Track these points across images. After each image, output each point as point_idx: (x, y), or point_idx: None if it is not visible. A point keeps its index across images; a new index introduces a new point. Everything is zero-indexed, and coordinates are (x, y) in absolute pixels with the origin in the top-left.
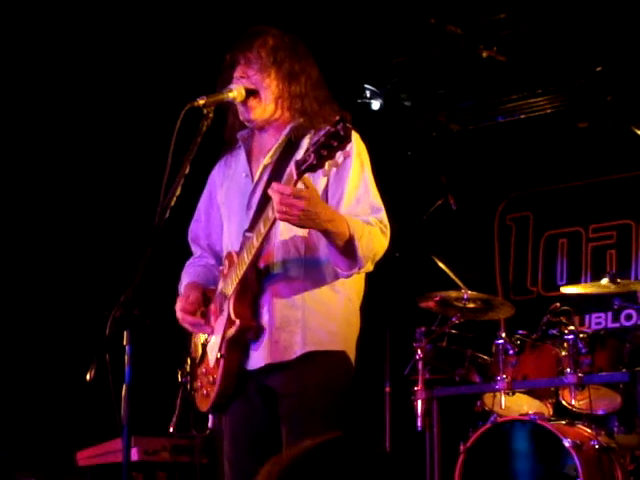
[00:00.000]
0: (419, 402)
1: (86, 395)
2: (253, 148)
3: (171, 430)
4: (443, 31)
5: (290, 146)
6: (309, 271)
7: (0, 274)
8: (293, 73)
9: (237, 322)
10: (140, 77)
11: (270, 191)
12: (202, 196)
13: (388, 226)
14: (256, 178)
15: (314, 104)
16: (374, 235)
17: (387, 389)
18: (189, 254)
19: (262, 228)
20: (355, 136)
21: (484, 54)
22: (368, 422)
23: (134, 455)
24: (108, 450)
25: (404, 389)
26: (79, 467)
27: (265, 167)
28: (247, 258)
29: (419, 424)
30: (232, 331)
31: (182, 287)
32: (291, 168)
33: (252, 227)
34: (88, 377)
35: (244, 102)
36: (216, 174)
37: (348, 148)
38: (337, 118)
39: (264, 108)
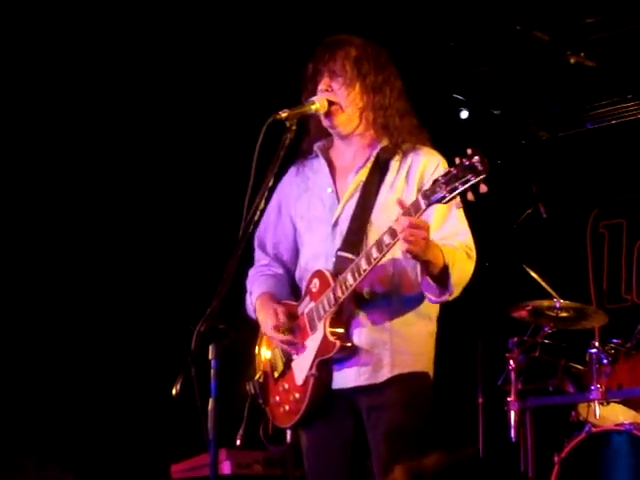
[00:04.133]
0: (512, 413)
1: (177, 409)
2: (335, 162)
3: (238, 443)
4: (529, 37)
5: (378, 166)
6: (397, 294)
7: (88, 290)
8: (377, 85)
9: (337, 344)
10: (224, 90)
11: (398, 221)
12: (270, 204)
13: (474, 249)
14: (346, 196)
15: (396, 117)
16: (463, 262)
17: (480, 400)
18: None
19: (375, 252)
20: (440, 158)
21: (572, 60)
22: (461, 434)
23: (227, 468)
24: (202, 463)
25: (497, 400)
26: None
27: (356, 187)
28: (352, 280)
29: (513, 435)
30: (331, 353)
31: (254, 297)
32: (418, 198)
33: (346, 247)
34: (174, 392)
35: (327, 114)
36: (288, 184)
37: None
38: (471, 151)
39: (348, 119)
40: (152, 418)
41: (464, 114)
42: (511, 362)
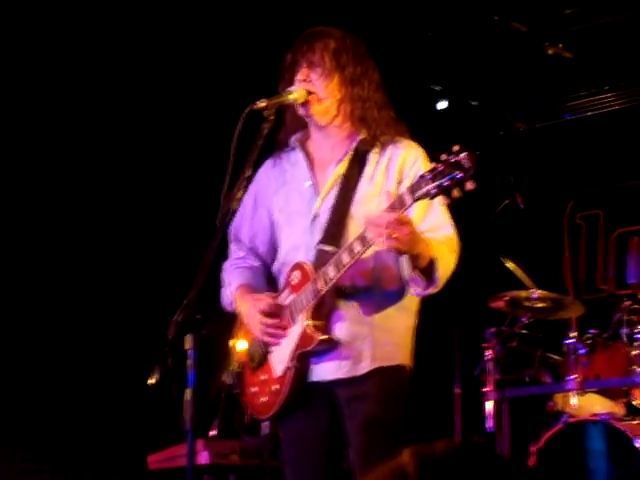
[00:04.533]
0: (489, 403)
1: (153, 399)
2: (313, 154)
3: (214, 433)
4: (507, 28)
5: (357, 159)
6: (378, 287)
7: (64, 280)
8: (356, 77)
9: (316, 337)
10: (201, 80)
11: (377, 217)
12: (246, 197)
13: (457, 242)
14: (325, 189)
15: (374, 109)
16: (448, 255)
17: (457, 390)
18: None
19: (357, 247)
20: (420, 149)
21: (550, 51)
22: (438, 423)
23: (205, 458)
24: (179, 453)
25: (474, 390)
26: (150, 471)
27: (335, 180)
28: (333, 274)
29: (489, 425)
30: (311, 346)
31: (233, 288)
32: (403, 193)
33: (327, 240)
34: (151, 382)
35: (304, 104)
36: (265, 176)
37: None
38: (458, 147)
39: (326, 109)
40: (128, 408)
41: (442, 105)
42: (488, 352)
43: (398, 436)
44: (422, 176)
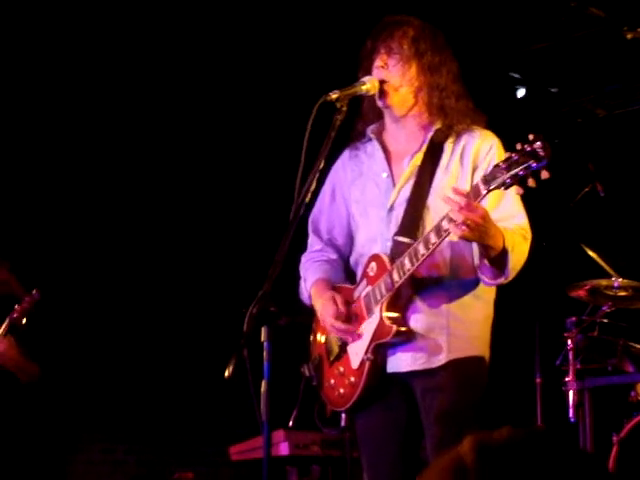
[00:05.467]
0: (571, 393)
1: (234, 391)
2: (389, 146)
3: (291, 424)
4: (585, 14)
5: (432, 149)
6: (454, 278)
7: (142, 273)
8: (434, 65)
9: (393, 328)
10: (276, 72)
11: (454, 204)
12: (324, 188)
13: (529, 232)
14: (401, 181)
15: (452, 99)
16: (521, 246)
17: (538, 380)
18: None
19: (433, 238)
20: (495, 138)
21: (629, 36)
22: (519, 414)
23: (285, 449)
24: (259, 445)
25: (555, 380)
26: (233, 461)
27: (412, 172)
28: (409, 265)
29: (571, 415)
30: (387, 338)
31: (309, 283)
32: (478, 183)
33: (403, 232)
34: (227, 374)
35: (380, 93)
36: (342, 167)
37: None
38: (532, 136)
39: (403, 99)
40: (210, 401)
41: (521, 92)
42: (569, 342)
43: (473, 428)
44: (497, 166)
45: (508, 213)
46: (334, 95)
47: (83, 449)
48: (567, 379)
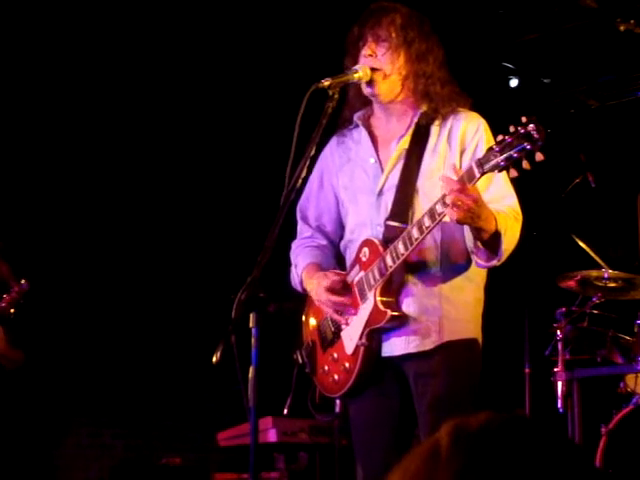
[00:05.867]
0: (559, 383)
1: (221, 377)
2: (375, 131)
3: (285, 412)
4: (578, 5)
5: (419, 133)
6: (446, 260)
7: (129, 260)
8: (421, 53)
9: (388, 313)
10: (263, 59)
11: (448, 187)
12: (312, 176)
13: (520, 212)
14: (389, 165)
15: (437, 85)
16: (513, 227)
17: (527, 370)
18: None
19: (427, 221)
20: (481, 119)
21: (621, 27)
22: (508, 404)
23: (273, 436)
24: (247, 431)
25: (544, 370)
26: (221, 447)
27: (399, 155)
28: (403, 249)
29: (560, 406)
30: (382, 322)
31: (300, 269)
32: (472, 166)
33: (395, 216)
34: (214, 360)
35: (369, 80)
36: (329, 154)
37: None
38: (525, 118)
39: (391, 86)
40: (198, 387)
41: (514, 82)
42: (559, 332)
43: (469, 406)
44: (490, 149)
45: (499, 194)
46: (326, 82)
47: (71, 433)
48: (556, 369)
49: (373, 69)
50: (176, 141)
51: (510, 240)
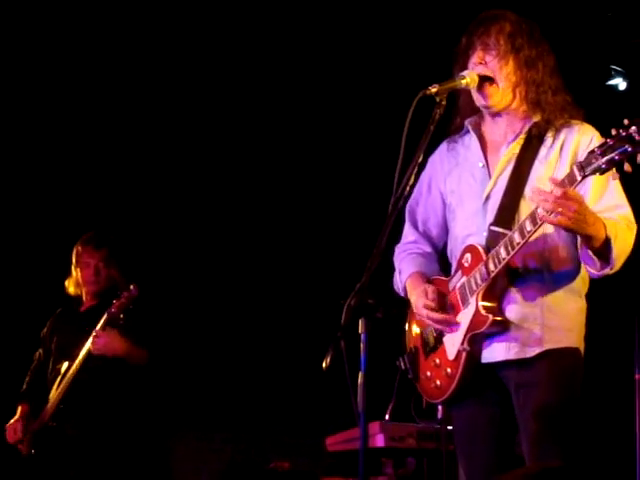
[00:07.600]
0: None
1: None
2: (485, 136)
3: (387, 417)
4: None
5: (530, 140)
6: (548, 269)
7: (240, 266)
8: (530, 60)
9: (489, 318)
10: (374, 65)
11: (543, 194)
12: (421, 180)
13: (634, 222)
14: (497, 170)
15: (549, 93)
16: (625, 234)
17: (637, 377)
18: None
19: (529, 225)
20: (595, 132)
21: None
22: (618, 411)
23: (380, 441)
24: (355, 436)
25: None
26: (329, 452)
27: (508, 160)
28: (505, 254)
29: None
30: (483, 327)
31: (404, 276)
32: (573, 169)
33: (499, 221)
34: (324, 365)
35: (479, 88)
36: (439, 159)
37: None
38: (627, 121)
39: (502, 96)
40: (307, 392)
41: (622, 85)
42: None
43: (572, 422)
44: (592, 151)
45: (611, 204)
46: (433, 89)
47: (181, 436)
48: None
49: (482, 76)
50: (292, 144)
51: (621, 246)
